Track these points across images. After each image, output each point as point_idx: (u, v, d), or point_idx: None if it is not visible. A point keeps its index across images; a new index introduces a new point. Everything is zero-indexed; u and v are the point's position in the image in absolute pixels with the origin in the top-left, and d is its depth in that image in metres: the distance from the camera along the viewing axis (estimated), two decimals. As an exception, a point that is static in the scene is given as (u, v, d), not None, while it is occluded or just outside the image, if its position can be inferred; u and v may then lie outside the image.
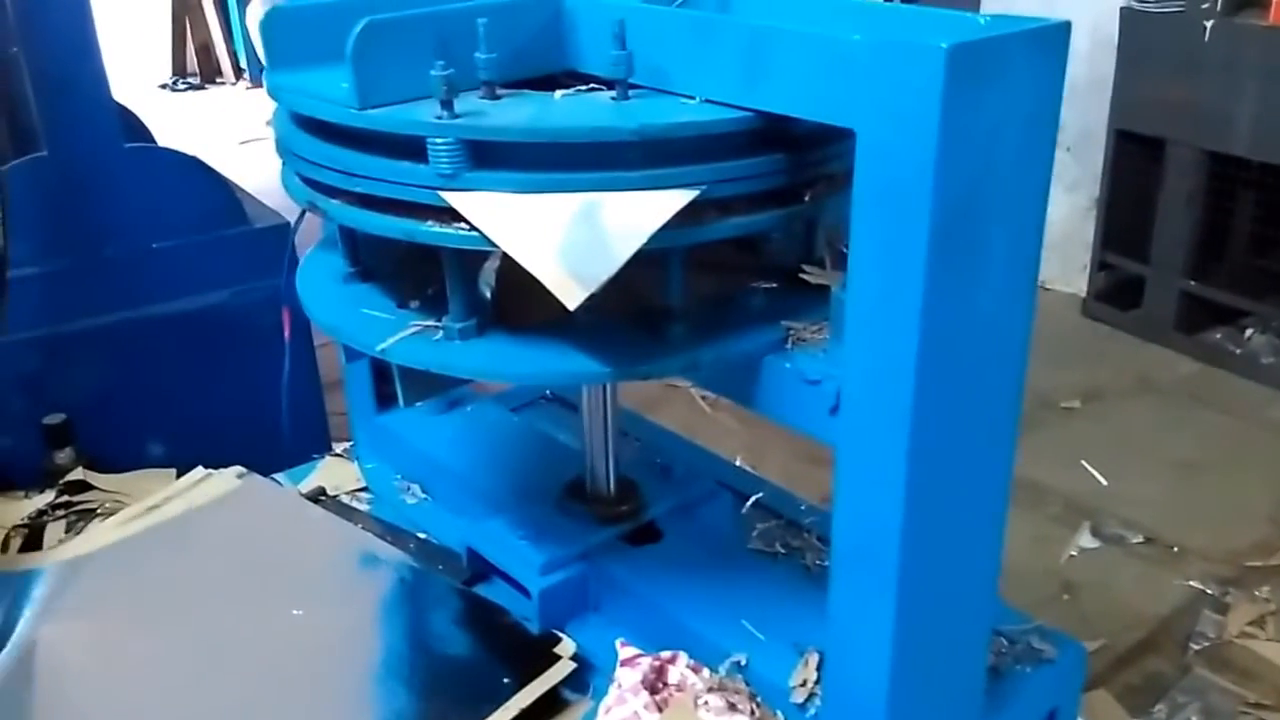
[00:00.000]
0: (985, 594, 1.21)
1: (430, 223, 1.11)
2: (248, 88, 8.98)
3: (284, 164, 1.30)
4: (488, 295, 1.23)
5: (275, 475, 1.78)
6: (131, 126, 2.87)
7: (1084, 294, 4.61)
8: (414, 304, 1.27)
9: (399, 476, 1.76)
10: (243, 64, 9.13)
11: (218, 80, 9.30)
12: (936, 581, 1.12)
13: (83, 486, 1.96)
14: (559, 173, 1.07)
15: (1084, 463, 3.48)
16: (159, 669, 1.37)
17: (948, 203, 0.93)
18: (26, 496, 1.97)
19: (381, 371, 1.79)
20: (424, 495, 1.73)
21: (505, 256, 1.06)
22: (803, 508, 1.59)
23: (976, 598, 1.20)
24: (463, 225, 1.09)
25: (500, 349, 1.19)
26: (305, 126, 1.22)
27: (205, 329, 2.65)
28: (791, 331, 1.19)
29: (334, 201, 1.20)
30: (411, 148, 1.09)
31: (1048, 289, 4.71)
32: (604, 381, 1.45)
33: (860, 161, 0.97)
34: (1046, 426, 3.66)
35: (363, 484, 1.78)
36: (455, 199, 1.07)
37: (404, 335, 1.21)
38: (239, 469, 1.75)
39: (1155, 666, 2.67)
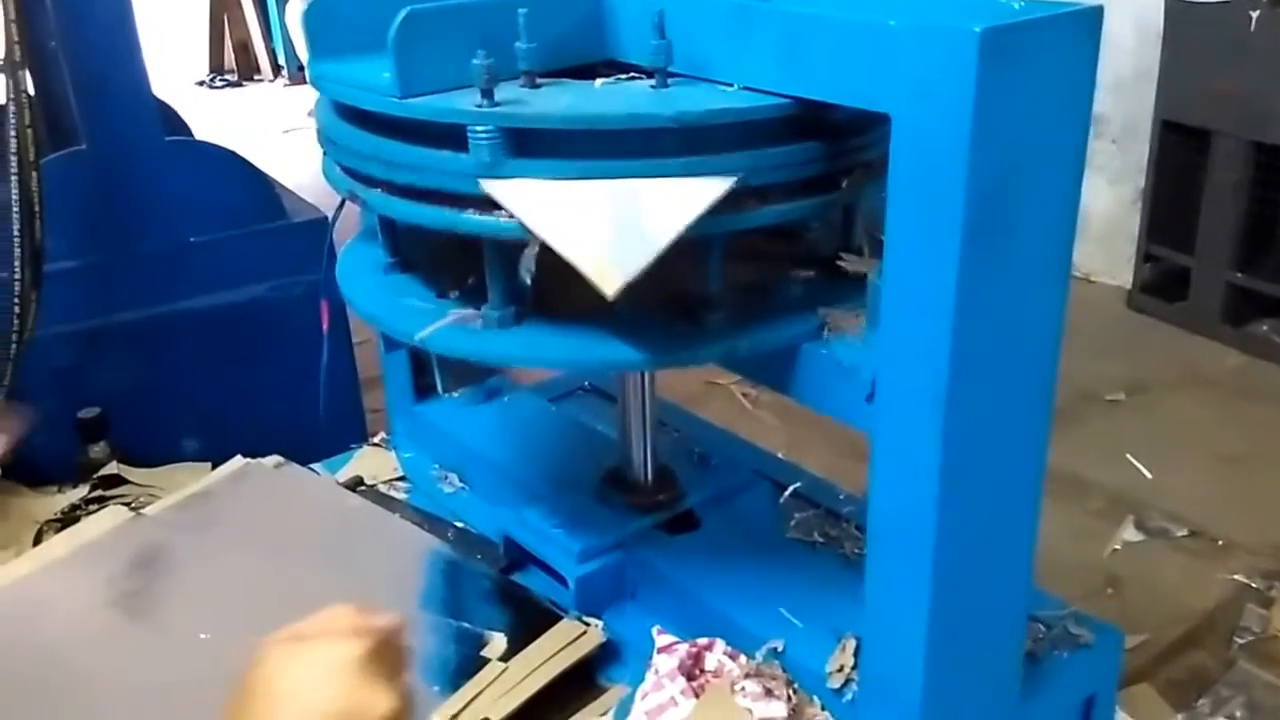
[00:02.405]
0: (1020, 579, 1.21)
1: (470, 212, 1.12)
2: (285, 85, 9.02)
3: (325, 154, 1.31)
4: (527, 283, 1.23)
5: (312, 465, 1.80)
6: (170, 121, 2.88)
7: (1129, 286, 4.55)
8: (453, 294, 1.27)
9: (437, 466, 1.78)
10: (281, 61, 9.16)
11: (255, 78, 9.33)
12: (972, 566, 1.12)
13: (117, 480, 1.98)
14: (598, 160, 1.07)
15: (1128, 456, 3.44)
16: (188, 657, 1.38)
17: (981, 186, 0.93)
18: (60, 491, 1.99)
19: (420, 362, 1.80)
20: (462, 484, 1.74)
21: (545, 245, 1.06)
22: (841, 497, 1.59)
23: (1012, 582, 1.20)
24: (502, 214, 1.09)
25: (539, 337, 1.19)
26: (347, 116, 1.23)
27: (242, 323, 2.66)
28: (829, 319, 1.18)
29: (374, 191, 1.21)
30: (452, 137, 1.09)
31: (1093, 281, 4.66)
32: (642, 369, 1.45)
33: (896, 146, 0.97)
34: (1090, 419, 3.62)
35: (400, 473, 1.79)
36: (495, 188, 1.08)
37: (443, 324, 1.22)
38: (277, 458, 1.77)
39: (1199, 660, 2.64)
